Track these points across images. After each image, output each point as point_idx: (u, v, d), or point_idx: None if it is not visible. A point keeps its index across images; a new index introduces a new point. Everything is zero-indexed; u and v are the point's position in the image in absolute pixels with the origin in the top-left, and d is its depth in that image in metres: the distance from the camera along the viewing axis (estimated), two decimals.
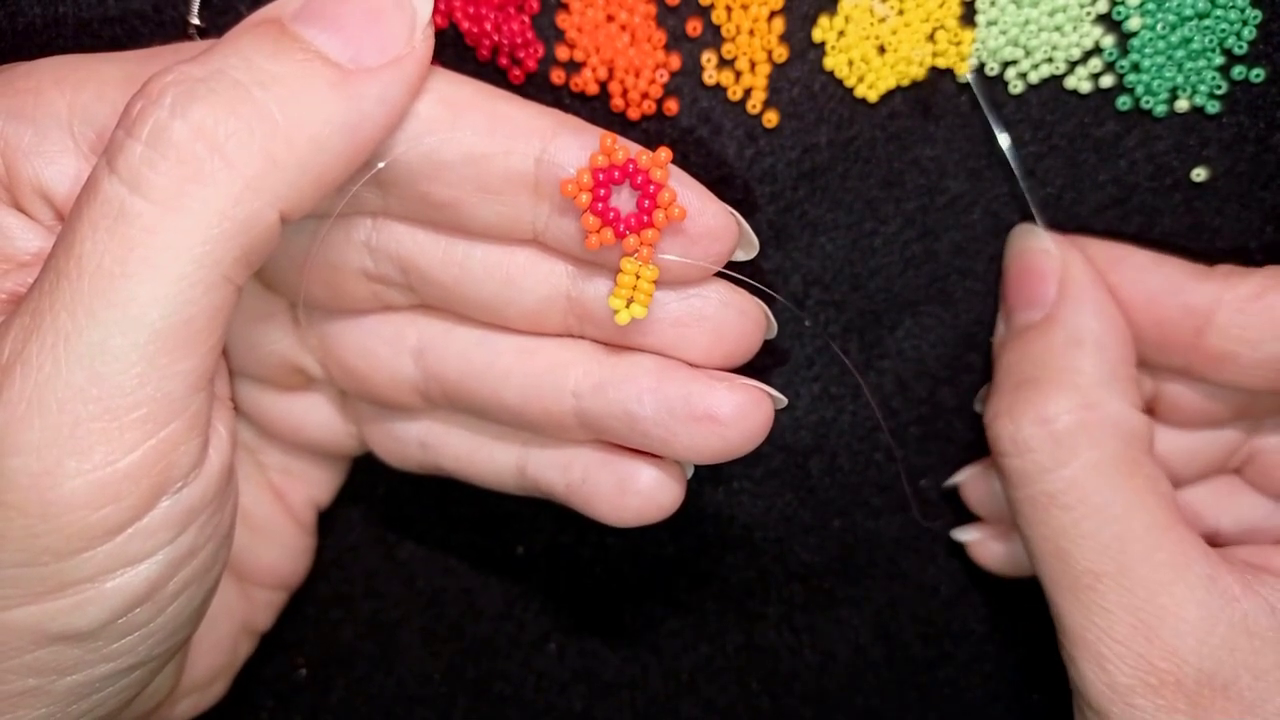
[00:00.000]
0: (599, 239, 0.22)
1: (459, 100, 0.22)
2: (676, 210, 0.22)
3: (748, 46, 0.27)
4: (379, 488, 0.34)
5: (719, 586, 0.33)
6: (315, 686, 0.35)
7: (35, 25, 0.28)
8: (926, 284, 0.29)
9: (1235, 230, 0.28)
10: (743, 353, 0.25)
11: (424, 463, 0.29)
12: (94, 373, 0.18)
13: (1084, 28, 0.26)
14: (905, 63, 0.27)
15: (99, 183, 0.19)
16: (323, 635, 0.34)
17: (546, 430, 0.26)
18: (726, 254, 0.23)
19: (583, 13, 0.27)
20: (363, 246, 0.25)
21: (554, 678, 0.34)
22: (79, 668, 0.20)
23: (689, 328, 0.24)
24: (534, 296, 0.25)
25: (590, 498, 0.26)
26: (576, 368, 0.25)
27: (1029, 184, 0.27)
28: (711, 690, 0.34)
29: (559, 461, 0.27)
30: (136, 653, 0.21)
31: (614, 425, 0.25)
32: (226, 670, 0.30)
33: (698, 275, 0.23)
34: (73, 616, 0.20)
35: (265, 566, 0.30)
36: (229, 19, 0.28)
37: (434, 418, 0.28)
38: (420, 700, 0.35)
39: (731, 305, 0.24)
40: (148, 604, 0.20)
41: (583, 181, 0.22)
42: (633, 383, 0.24)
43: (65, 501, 0.19)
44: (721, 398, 0.24)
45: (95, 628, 0.20)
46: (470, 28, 0.27)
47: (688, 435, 0.24)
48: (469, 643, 0.34)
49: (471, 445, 0.28)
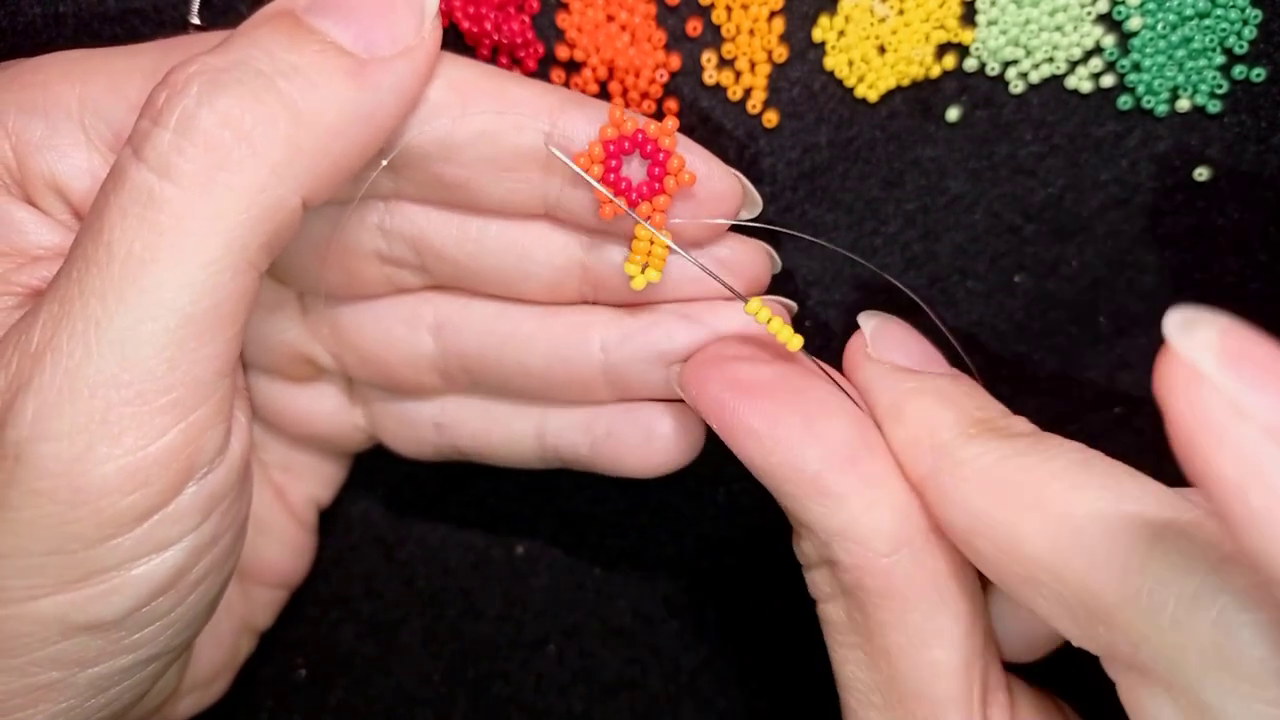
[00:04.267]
0: (612, 209, 0.23)
1: (467, 83, 0.23)
2: (686, 176, 0.23)
3: (748, 46, 0.27)
4: (379, 488, 0.34)
5: (719, 586, 0.33)
6: (315, 686, 0.35)
7: (35, 24, 0.28)
8: (927, 284, 0.29)
9: (1237, 230, 0.28)
10: (754, 292, 0.26)
11: (439, 445, 0.29)
12: (125, 358, 0.19)
13: (1084, 27, 0.26)
14: (905, 63, 0.27)
15: (126, 170, 0.19)
16: (322, 635, 0.34)
17: (572, 393, 0.26)
18: (733, 214, 0.24)
19: (583, 13, 0.27)
20: (376, 229, 0.25)
21: (554, 678, 0.34)
22: (100, 659, 0.20)
23: (702, 285, 0.25)
24: (550, 269, 0.25)
25: (617, 450, 0.27)
26: (600, 326, 0.26)
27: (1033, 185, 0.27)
28: (711, 690, 0.34)
29: (580, 422, 0.27)
30: (156, 643, 0.21)
31: (645, 373, 0.25)
32: (227, 668, 0.30)
33: (708, 236, 0.24)
34: (99, 605, 0.20)
35: (265, 564, 0.30)
36: (229, 19, 0.28)
37: (447, 402, 0.28)
38: (420, 701, 0.35)
39: (739, 253, 0.25)
40: (170, 592, 0.21)
41: (594, 153, 0.23)
42: (659, 325, 0.25)
43: (96, 487, 0.19)
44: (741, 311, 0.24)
45: (121, 616, 0.20)
46: (470, 28, 0.27)
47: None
48: (469, 643, 0.34)
49: (488, 420, 0.28)
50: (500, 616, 0.34)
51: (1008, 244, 0.28)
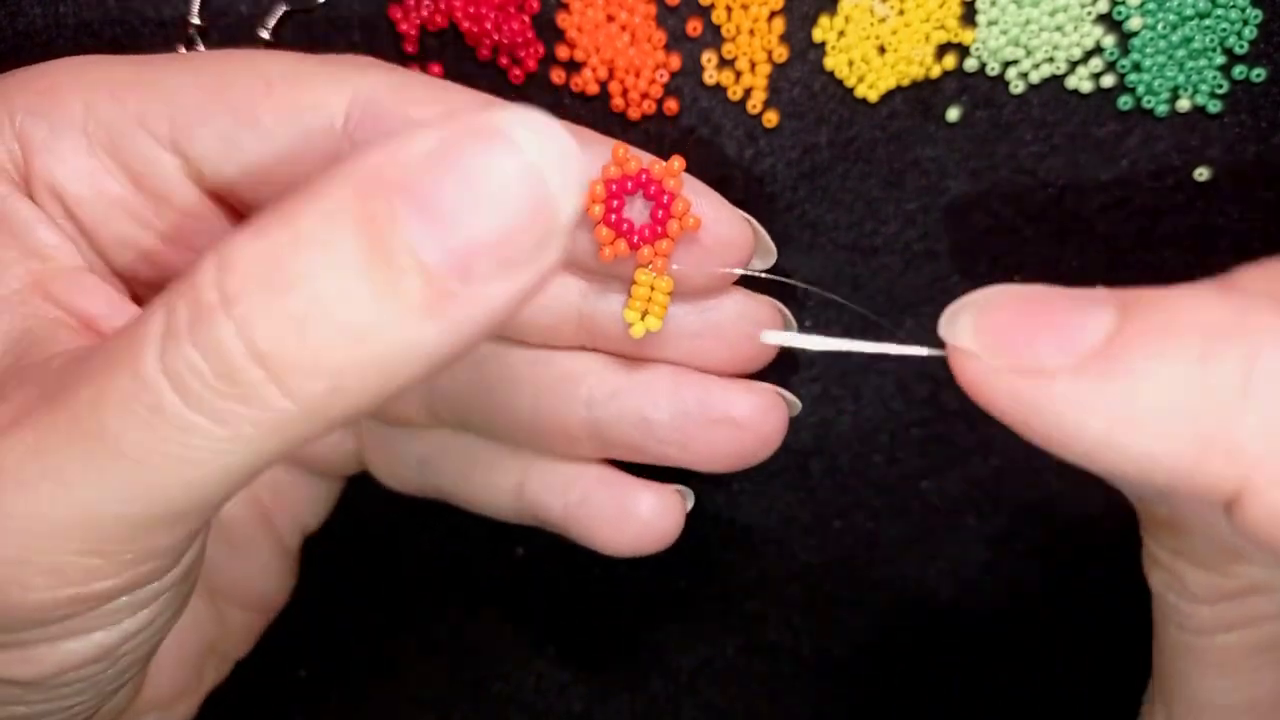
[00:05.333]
0: (613, 251, 0.22)
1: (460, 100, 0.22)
2: (691, 220, 0.22)
3: (748, 46, 0.27)
4: (380, 489, 0.34)
5: (719, 586, 0.33)
6: (315, 688, 0.35)
7: (35, 26, 0.28)
8: (927, 284, 0.29)
9: (1238, 229, 0.28)
10: (760, 362, 0.24)
11: (422, 484, 0.28)
12: (90, 522, 0.17)
13: (1085, 27, 0.26)
14: (905, 63, 0.27)
15: (141, 359, 0.16)
16: (323, 635, 0.34)
17: (555, 443, 0.25)
18: (743, 262, 0.23)
19: (583, 13, 0.27)
20: None
21: (553, 679, 0.34)
22: (20, 704, 0.19)
23: (705, 340, 0.24)
24: (547, 314, 0.24)
25: (589, 520, 0.25)
26: (591, 377, 0.24)
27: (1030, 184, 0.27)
28: (711, 690, 0.34)
29: (559, 483, 0.26)
30: (83, 696, 0.20)
31: (627, 434, 0.24)
32: (191, 691, 0.29)
33: (714, 285, 0.23)
34: (16, 668, 0.18)
35: (240, 584, 0.29)
36: (229, 19, 0.28)
37: (435, 436, 0.28)
38: (420, 701, 0.35)
39: (747, 317, 0.24)
40: (96, 664, 0.19)
41: (595, 193, 0.22)
42: (648, 389, 0.24)
43: (29, 605, 0.17)
44: (739, 399, 0.23)
45: (39, 680, 0.19)
46: (470, 28, 0.27)
47: (704, 439, 0.23)
48: (469, 643, 0.34)
49: (471, 465, 0.27)
50: (500, 617, 0.34)
51: (1008, 244, 0.28)
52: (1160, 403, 0.15)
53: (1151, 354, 0.15)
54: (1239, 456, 0.15)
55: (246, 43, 0.28)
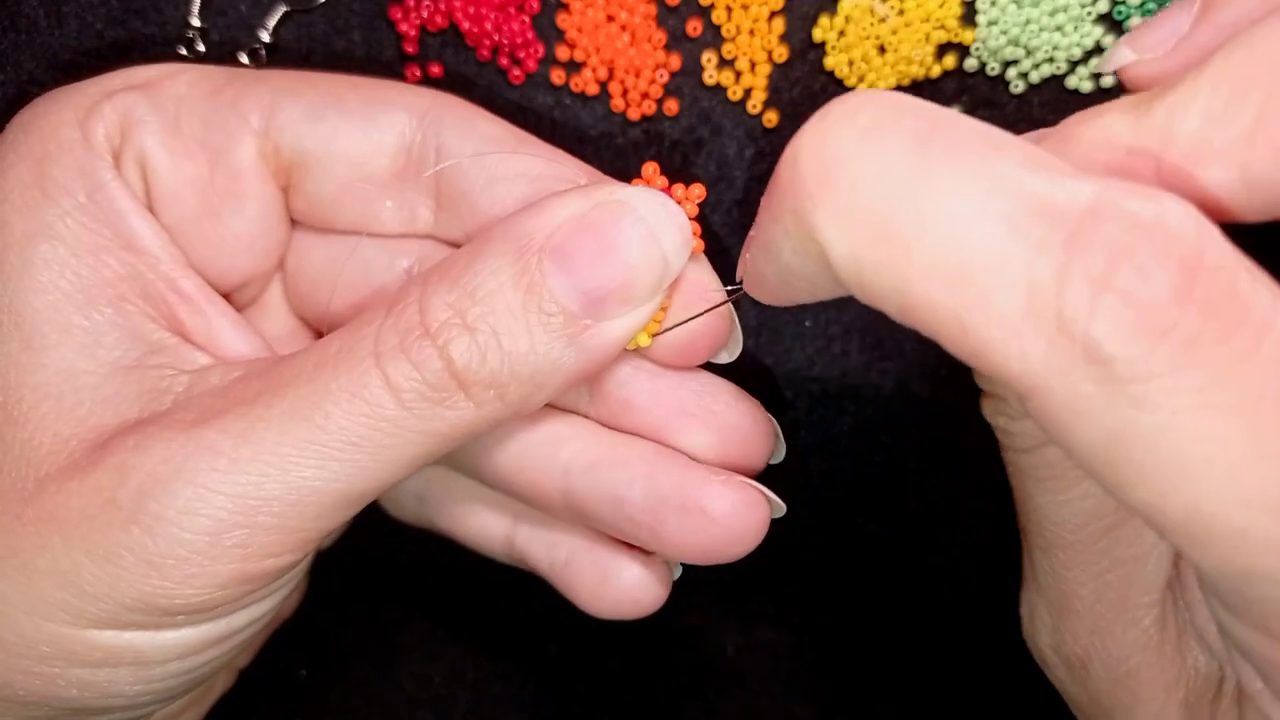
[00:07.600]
0: None
1: (518, 134, 0.24)
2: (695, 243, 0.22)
3: (748, 46, 0.27)
4: None
5: (719, 587, 0.33)
6: (315, 687, 0.35)
7: (37, 24, 0.28)
8: None
9: (1238, 229, 0.28)
10: (748, 459, 0.24)
11: (419, 517, 0.29)
12: (293, 498, 0.20)
13: (1085, 27, 0.26)
14: (905, 63, 0.27)
15: (360, 365, 0.20)
16: (323, 636, 0.34)
17: (534, 503, 0.25)
18: (714, 349, 0.24)
19: (583, 13, 0.27)
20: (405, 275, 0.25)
21: (554, 678, 0.34)
22: (138, 684, 0.22)
23: (694, 419, 0.24)
24: None
25: (572, 582, 0.26)
26: (574, 443, 0.24)
27: None
28: (711, 690, 0.34)
29: (546, 539, 0.26)
30: (182, 679, 0.22)
31: (599, 509, 0.24)
32: (200, 700, 0.29)
33: (685, 358, 0.24)
34: (150, 649, 0.21)
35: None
36: (229, 19, 0.28)
37: (434, 474, 0.28)
38: (420, 701, 0.35)
39: (739, 409, 0.24)
40: (211, 649, 0.22)
41: None
42: (626, 466, 0.23)
43: (206, 577, 0.20)
44: (716, 491, 0.23)
45: (160, 660, 0.22)
46: (470, 28, 0.27)
47: (675, 526, 0.23)
48: (469, 643, 0.34)
49: (466, 509, 0.28)
50: (500, 617, 0.34)
51: None
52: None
53: None
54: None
55: (246, 43, 0.28)
